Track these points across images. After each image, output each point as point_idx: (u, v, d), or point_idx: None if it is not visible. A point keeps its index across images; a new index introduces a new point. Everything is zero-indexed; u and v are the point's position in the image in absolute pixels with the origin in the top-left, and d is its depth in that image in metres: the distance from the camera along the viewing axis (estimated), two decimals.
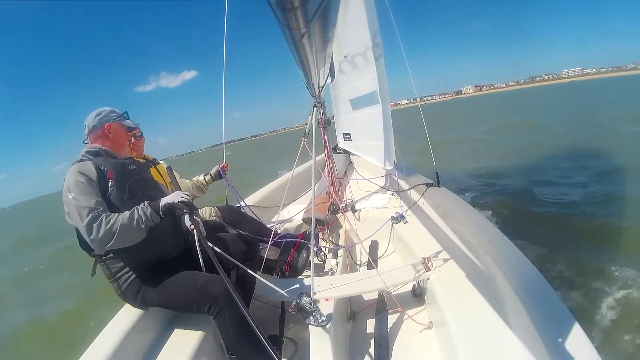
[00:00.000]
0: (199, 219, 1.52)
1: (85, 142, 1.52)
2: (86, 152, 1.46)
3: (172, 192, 1.52)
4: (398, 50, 2.73)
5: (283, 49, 0.95)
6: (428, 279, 1.64)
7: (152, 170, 1.95)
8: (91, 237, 1.23)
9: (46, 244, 9.82)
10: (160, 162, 2.17)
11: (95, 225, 1.23)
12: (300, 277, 1.96)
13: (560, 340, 1.06)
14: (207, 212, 2.10)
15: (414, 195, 2.60)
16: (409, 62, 2.72)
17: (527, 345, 1.11)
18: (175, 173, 2.20)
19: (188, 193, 1.50)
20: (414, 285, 1.80)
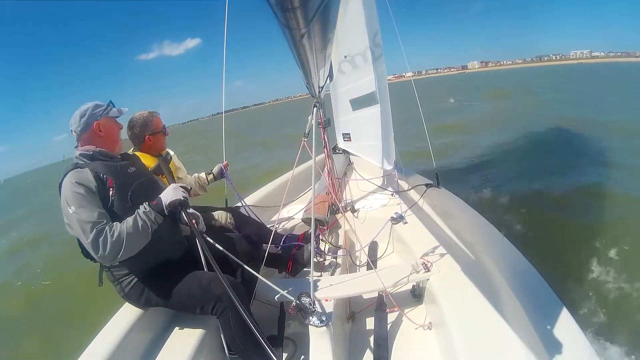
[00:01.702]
0: (197, 213, 1.51)
1: (76, 147, 1.41)
2: (80, 155, 1.37)
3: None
4: (396, 39, 2.69)
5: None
6: (427, 279, 1.65)
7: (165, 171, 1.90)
8: (98, 255, 1.20)
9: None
10: (171, 153, 2.09)
11: (100, 240, 1.19)
12: (300, 277, 1.96)
13: (558, 339, 1.06)
14: (222, 217, 2.09)
15: (413, 195, 2.59)
16: (408, 44, 2.68)
17: (526, 345, 1.11)
18: (179, 164, 2.18)
19: (185, 185, 1.47)
20: (413, 285, 1.80)
